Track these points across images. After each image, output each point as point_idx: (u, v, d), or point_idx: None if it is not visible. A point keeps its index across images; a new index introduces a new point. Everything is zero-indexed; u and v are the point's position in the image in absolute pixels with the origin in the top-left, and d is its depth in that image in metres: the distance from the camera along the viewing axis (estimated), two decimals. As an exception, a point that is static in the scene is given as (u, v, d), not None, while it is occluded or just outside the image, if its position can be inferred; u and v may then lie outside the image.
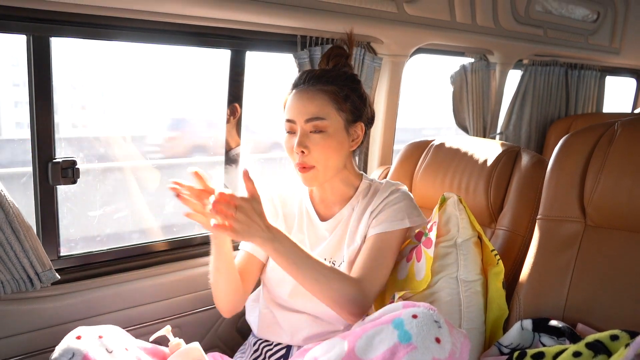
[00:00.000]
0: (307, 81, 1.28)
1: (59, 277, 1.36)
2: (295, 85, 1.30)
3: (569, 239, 1.24)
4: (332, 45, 1.48)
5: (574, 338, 1.07)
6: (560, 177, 1.28)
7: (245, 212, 1.04)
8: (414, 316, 0.90)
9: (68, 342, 1.05)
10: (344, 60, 1.39)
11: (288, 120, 1.27)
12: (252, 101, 1.81)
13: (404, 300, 1.23)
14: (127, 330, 1.50)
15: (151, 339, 1.24)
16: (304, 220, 1.39)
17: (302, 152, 1.24)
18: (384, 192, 1.33)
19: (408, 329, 0.88)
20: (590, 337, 1.00)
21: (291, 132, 1.28)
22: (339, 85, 1.28)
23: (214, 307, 1.69)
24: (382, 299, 1.29)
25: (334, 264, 1.32)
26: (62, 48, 1.36)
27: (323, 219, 1.37)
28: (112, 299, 1.51)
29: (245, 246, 1.41)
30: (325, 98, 1.25)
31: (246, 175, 1.07)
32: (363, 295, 1.15)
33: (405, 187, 1.35)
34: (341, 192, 1.37)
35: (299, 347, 1.33)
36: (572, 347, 0.99)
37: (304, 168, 1.26)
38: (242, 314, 1.53)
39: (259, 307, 1.44)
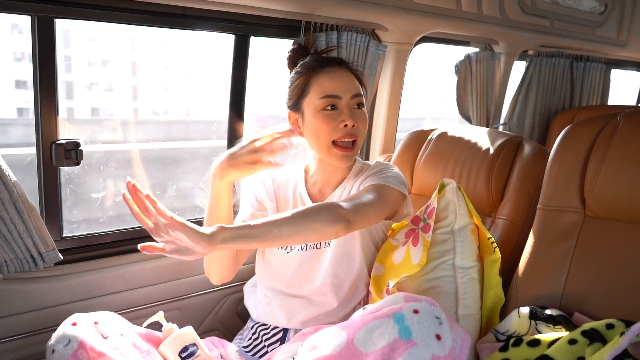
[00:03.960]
0: (337, 63, 1.34)
1: (62, 257, 1.37)
2: (322, 66, 1.32)
3: (568, 229, 1.24)
4: (300, 44, 1.54)
5: (570, 327, 1.08)
6: (561, 167, 1.28)
7: (173, 242, 0.98)
8: (415, 311, 0.90)
9: (64, 328, 1.07)
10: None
11: (331, 96, 1.28)
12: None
13: (399, 287, 1.24)
14: (128, 312, 1.53)
15: (144, 324, 1.26)
16: (298, 204, 1.41)
17: (354, 125, 1.27)
18: (373, 168, 1.38)
19: (409, 325, 0.88)
20: (586, 325, 1.01)
21: (333, 108, 1.28)
22: (358, 69, 1.39)
23: (215, 290, 1.72)
24: (379, 284, 1.30)
25: (328, 245, 1.34)
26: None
27: (316, 202, 1.39)
28: (114, 280, 1.52)
29: (243, 215, 1.44)
30: (356, 77, 1.34)
31: (148, 198, 0.98)
32: (348, 227, 1.13)
33: (396, 167, 1.38)
34: (341, 173, 1.40)
35: (296, 330, 1.36)
36: (567, 335, 1.01)
37: (348, 144, 1.29)
38: (242, 298, 1.55)
39: (257, 292, 1.46)
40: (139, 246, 0.98)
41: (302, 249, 1.37)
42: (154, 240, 0.99)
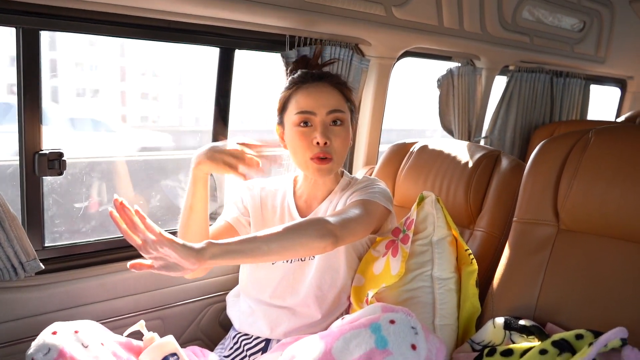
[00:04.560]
0: (318, 78, 1.34)
1: (43, 267, 1.37)
2: (304, 80, 1.34)
3: (542, 242, 1.28)
4: (303, 56, 1.53)
5: (543, 337, 1.11)
6: (535, 182, 1.32)
7: (162, 258, 0.99)
8: (392, 322, 0.92)
9: (44, 337, 1.06)
10: (321, 68, 1.45)
11: (305, 112, 1.30)
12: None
13: (378, 297, 1.27)
14: (110, 322, 1.53)
15: (125, 334, 1.25)
16: (285, 216, 1.42)
17: (326, 143, 1.28)
18: (360, 183, 1.39)
19: (385, 335, 0.90)
20: (557, 336, 1.04)
21: (306, 124, 1.30)
22: (344, 83, 1.37)
23: (197, 300, 1.73)
24: (359, 294, 1.32)
25: (313, 257, 1.36)
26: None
27: (303, 214, 1.41)
28: (95, 290, 1.52)
29: (227, 216, 1.44)
30: (340, 93, 1.34)
31: (138, 213, 0.99)
32: (336, 242, 1.13)
33: (382, 183, 1.40)
34: (327, 187, 1.42)
35: (278, 340, 1.37)
36: (538, 345, 1.03)
37: (324, 159, 1.29)
38: (225, 307, 1.56)
39: (239, 303, 1.47)
40: (127, 264, 0.98)
41: (287, 261, 1.38)
42: (136, 251, 1.00)
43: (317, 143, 1.27)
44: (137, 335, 1.27)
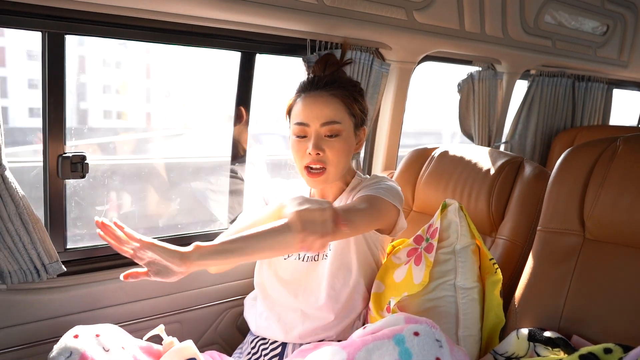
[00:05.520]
0: (318, 86, 1.32)
1: (65, 269, 1.38)
2: (305, 89, 1.34)
3: (568, 252, 1.25)
4: (327, 53, 1.51)
5: (568, 350, 1.09)
6: (561, 190, 1.29)
7: (154, 262, 1.04)
8: (416, 333, 0.91)
9: (66, 341, 1.08)
10: (339, 68, 1.44)
11: (300, 124, 1.30)
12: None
13: (400, 306, 1.25)
14: (130, 325, 1.54)
15: (145, 338, 1.26)
16: None
17: (318, 154, 1.27)
18: (368, 181, 1.38)
19: (409, 347, 0.89)
20: (584, 350, 1.01)
21: (302, 135, 1.30)
22: (349, 90, 1.34)
23: (215, 304, 1.73)
24: (379, 301, 1.31)
25: (326, 257, 1.36)
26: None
27: None
28: (116, 292, 1.53)
29: (247, 220, 1.43)
30: (339, 102, 1.30)
31: (116, 224, 1.04)
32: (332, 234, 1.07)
33: (393, 182, 1.38)
34: (338, 187, 1.42)
35: (294, 345, 1.37)
36: (565, 359, 1.01)
37: (316, 170, 1.30)
38: (242, 312, 1.56)
39: (256, 306, 1.47)
40: (120, 276, 1.03)
41: (300, 260, 1.38)
42: None
43: (310, 153, 1.28)
44: (157, 339, 1.27)
